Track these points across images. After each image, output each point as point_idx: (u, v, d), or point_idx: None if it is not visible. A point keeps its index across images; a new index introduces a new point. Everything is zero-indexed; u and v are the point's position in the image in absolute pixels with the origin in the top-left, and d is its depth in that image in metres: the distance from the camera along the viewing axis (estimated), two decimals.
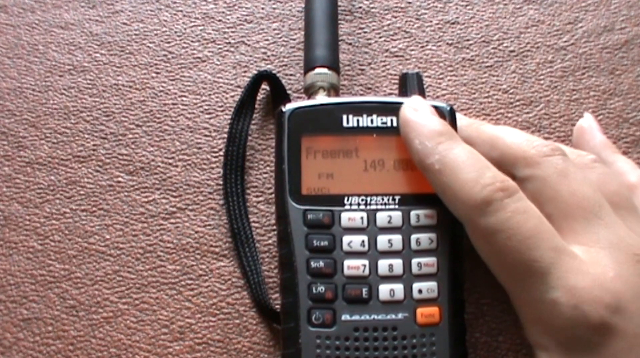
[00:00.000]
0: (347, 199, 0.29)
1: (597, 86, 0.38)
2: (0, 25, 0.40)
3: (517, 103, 0.37)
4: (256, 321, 0.33)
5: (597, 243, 0.27)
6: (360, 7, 0.40)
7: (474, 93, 0.38)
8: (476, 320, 0.33)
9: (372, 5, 0.40)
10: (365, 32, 0.40)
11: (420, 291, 0.28)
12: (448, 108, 0.30)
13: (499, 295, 0.33)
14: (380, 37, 0.39)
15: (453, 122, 0.30)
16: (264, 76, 0.36)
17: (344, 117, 0.30)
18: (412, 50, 0.39)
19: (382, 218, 0.29)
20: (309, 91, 0.34)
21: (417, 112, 0.29)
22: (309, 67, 0.34)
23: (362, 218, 0.29)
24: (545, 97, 0.38)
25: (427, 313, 0.28)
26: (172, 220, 0.35)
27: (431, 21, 0.40)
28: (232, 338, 0.33)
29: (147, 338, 0.33)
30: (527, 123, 0.37)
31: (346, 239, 0.29)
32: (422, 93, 0.33)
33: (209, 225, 0.35)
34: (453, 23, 0.40)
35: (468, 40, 0.39)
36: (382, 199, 0.29)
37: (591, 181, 0.29)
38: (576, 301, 0.25)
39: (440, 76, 0.38)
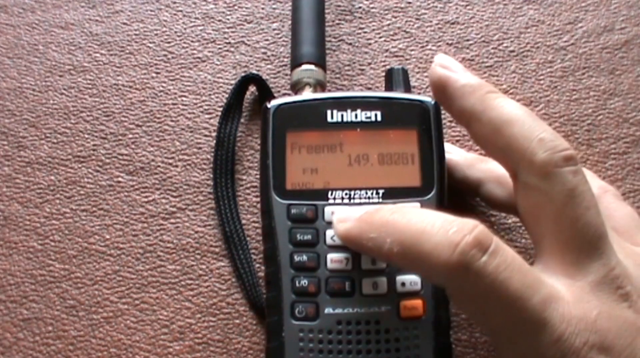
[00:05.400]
0: (331, 194, 0.29)
1: (597, 86, 0.38)
2: (0, 25, 0.40)
3: None
4: (256, 321, 0.33)
5: (584, 278, 0.25)
6: (360, 7, 0.40)
7: None
8: None
9: (372, 5, 0.40)
10: (365, 32, 0.40)
11: (403, 284, 0.28)
12: (433, 102, 0.31)
13: None
14: (380, 37, 0.39)
15: (437, 118, 0.30)
16: (250, 79, 0.36)
17: (329, 112, 0.30)
18: (412, 50, 0.39)
19: None
20: (296, 87, 0.34)
21: None
22: (295, 63, 0.34)
23: None
24: (545, 97, 0.38)
25: (410, 306, 0.28)
26: (172, 220, 0.35)
27: (431, 21, 0.40)
28: (232, 338, 0.33)
29: (147, 338, 0.33)
30: None
31: (330, 233, 0.29)
32: (407, 88, 0.33)
33: (209, 225, 0.35)
34: (453, 23, 0.40)
35: (468, 40, 0.39)
36: (366, 193, 0.29)
37: (597, 204, 0.26)
38: (563, 352, 0.24)
39: None
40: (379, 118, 0.30)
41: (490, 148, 0.27)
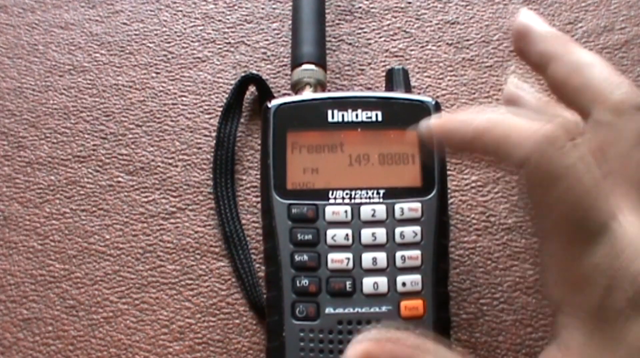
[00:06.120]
0: (332, 194, 0.29)
1: None
2: (0, 25, 0.40)
3: None
4: (256, 321, 0.33)
5: None
6: (360, 7, 0.40)
7: (474, 93, 0.38)
8: (476, 320, 0.33)
9: (372, 5, 0.40)
10: (365, 32, 0.40)
11: (404, 284, 0.28)
12: (433, 102, 0.31)
13: (498, 295, 0.33)
14: (380, 37, 0.39)
15: None
16: (250, 79, 0.36)
17: (329, 112, 0.31)
18: (412, 50, 0.39)
19: (366, 211, 0.29)
20: (296, 87, 0.34)
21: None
22: (295, 63, 0.34)
23: (346, 211, 0.29)
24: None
25: (411, 306, 0.28)
26: (172, 220, 0.35)
27: (431, 21, 0.40)
28: (232, 338, 0.33)
29: (147, 338, 0.33)
30: None
31: (330, 233, 0.29)
32: (408, 88, 0.33)
33: (209, 225, 0.35)
34: (453, 23, 0.40)
35: (468, 40, 0.39)
36: (367, 193, 0.29)
37: None
38: (615, 271, 0.24)
39: (440, 76, 0.38)
40: (379, 118, 0.30)
41: (565, 87, 0.28)
